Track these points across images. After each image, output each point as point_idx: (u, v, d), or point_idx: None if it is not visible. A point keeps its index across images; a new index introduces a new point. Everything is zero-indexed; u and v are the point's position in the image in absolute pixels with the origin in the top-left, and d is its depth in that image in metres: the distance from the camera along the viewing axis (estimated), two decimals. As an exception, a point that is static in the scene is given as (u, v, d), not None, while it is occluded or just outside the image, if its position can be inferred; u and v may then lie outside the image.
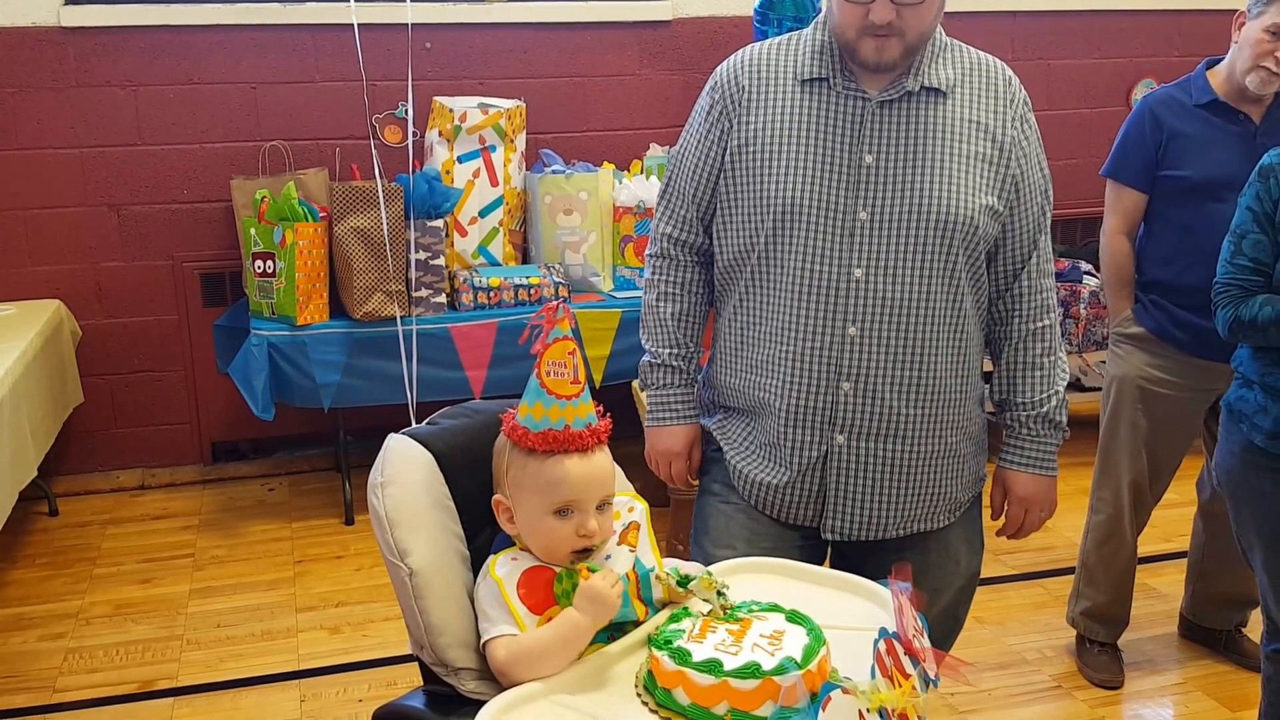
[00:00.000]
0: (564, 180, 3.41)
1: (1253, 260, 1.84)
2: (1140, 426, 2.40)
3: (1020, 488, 1.71)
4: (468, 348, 3.25)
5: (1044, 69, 4.04)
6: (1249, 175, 2.17)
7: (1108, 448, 2.47)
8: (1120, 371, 2.43)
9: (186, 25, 3.42)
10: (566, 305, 1.31)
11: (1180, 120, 2.30)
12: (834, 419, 1.59)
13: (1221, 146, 2.26)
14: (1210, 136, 2.28)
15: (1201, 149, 2.27)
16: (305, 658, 2.63)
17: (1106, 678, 2.50)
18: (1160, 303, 2.36)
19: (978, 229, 1.56)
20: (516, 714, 1.16)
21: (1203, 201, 2.27)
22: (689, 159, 1.68)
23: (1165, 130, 2.30)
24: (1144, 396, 2.39)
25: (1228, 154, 2.26)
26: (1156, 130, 2.31)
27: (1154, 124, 2.32)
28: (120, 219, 3.50)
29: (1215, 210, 2.22)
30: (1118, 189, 2.39)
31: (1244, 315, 1.83)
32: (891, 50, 1.51)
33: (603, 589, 1.23)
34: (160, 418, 3.65)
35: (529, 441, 1.28)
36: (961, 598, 1.74)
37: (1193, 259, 2.27)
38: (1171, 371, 2.36)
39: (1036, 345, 1.67)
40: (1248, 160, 2.20)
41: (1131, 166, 2.36)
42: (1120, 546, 2.49)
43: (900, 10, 1.48)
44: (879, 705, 1.09)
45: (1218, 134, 2.28)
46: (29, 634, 2.76)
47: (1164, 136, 2.30)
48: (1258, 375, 1.86)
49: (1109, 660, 2.53)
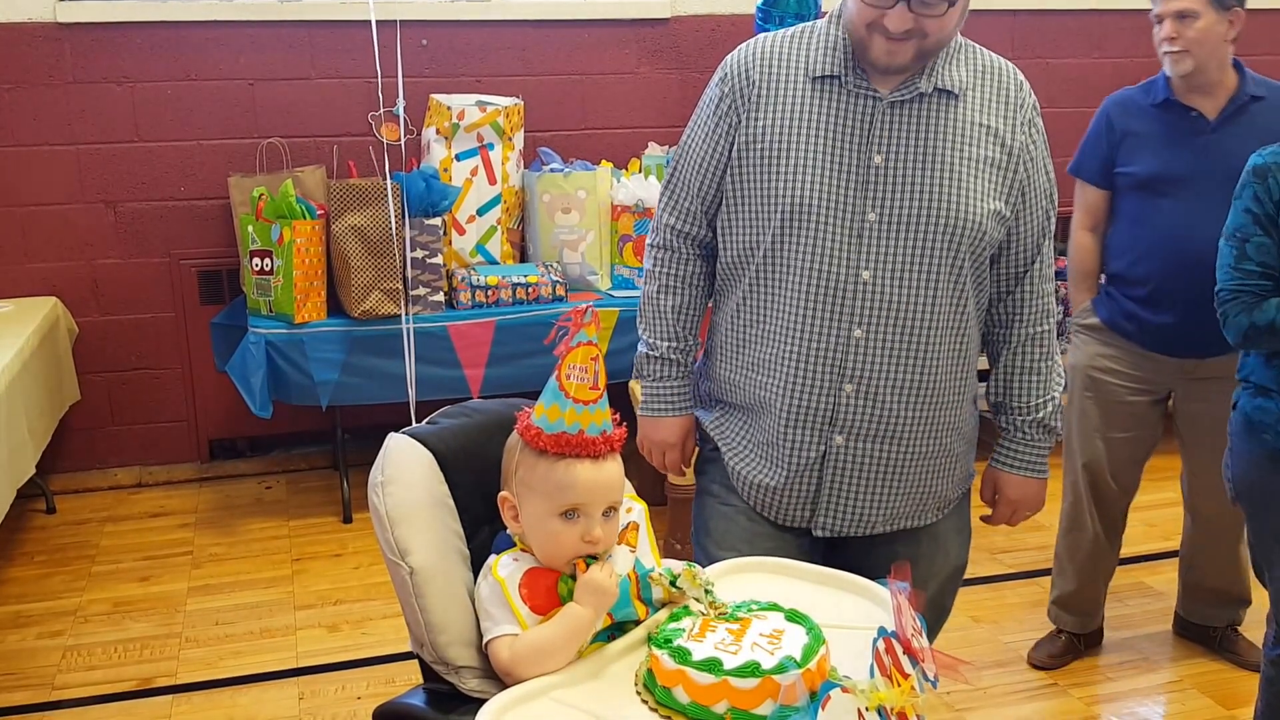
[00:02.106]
0: (562, 179, 3.41)
1: (1260, 264, 1.81)
2: (1090, 414, 2.46)
3: (1011, 489, 1.72)
4: (465, 346, 3.25)
5: (1044, 68, 4.05)
6: (1202, 170, 2.26)
7: (1067, 435, 2.53)
8: (1074, 360, 2.50)
9: (183, 21, 3.42)
10: (595, 310, 1.30)
11: (1133, 119, 2.38)
12: (834, 420, 1.59)
13: (1172, 143, 2.33)
14: (1161, 134, 2.34)
15: (1152, 146, 2.34)
16: (304, 655, 2.64)
17: (1043, 658, 2.56)
18: (1114, 294, 2.43)
19: (985, 234, 1.56)
20: (517, 712, 1.16)
21: (1150, 197, 2.34)
22: (695, 151, 1.66)
23: (1118, 130, 2.39)
24: (1092, 385, 2.46)
25: (1178, 151, 2.32)
26: (1110, 130, 2.40)
27: (1108, 124, 2.41)
28: (117, 216, 3.50)
29: (1162, 205, 2.32)
30: (1081, 186, 2.48)
31: (1259, 321, 1.79)
32: (904, 54, 1.50)
33: (601, 579, 1.24)
34: (157, 415, 3.65)
35: (541, 442, 1.28)
36: (949, 587, 1.75)
37: (1141, 252, 2.36)
38: (1120, 362, 2.42)
39: (1035, 350, 1.67)
40: (1201, 156, 2.29)
41: (1090, 165, 2.45)
42: (1082, 535, 2.54)
43: (919, 19, 1.46)
44: (878, 704, 1.10)
45: (1169, 131, 2.34)
46: (27, 632, 2.76)
47: (1117, 136, 2.39)
48: (1275, 383, 1.82)
49: (1059, 644, 2.58)
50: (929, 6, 1.45)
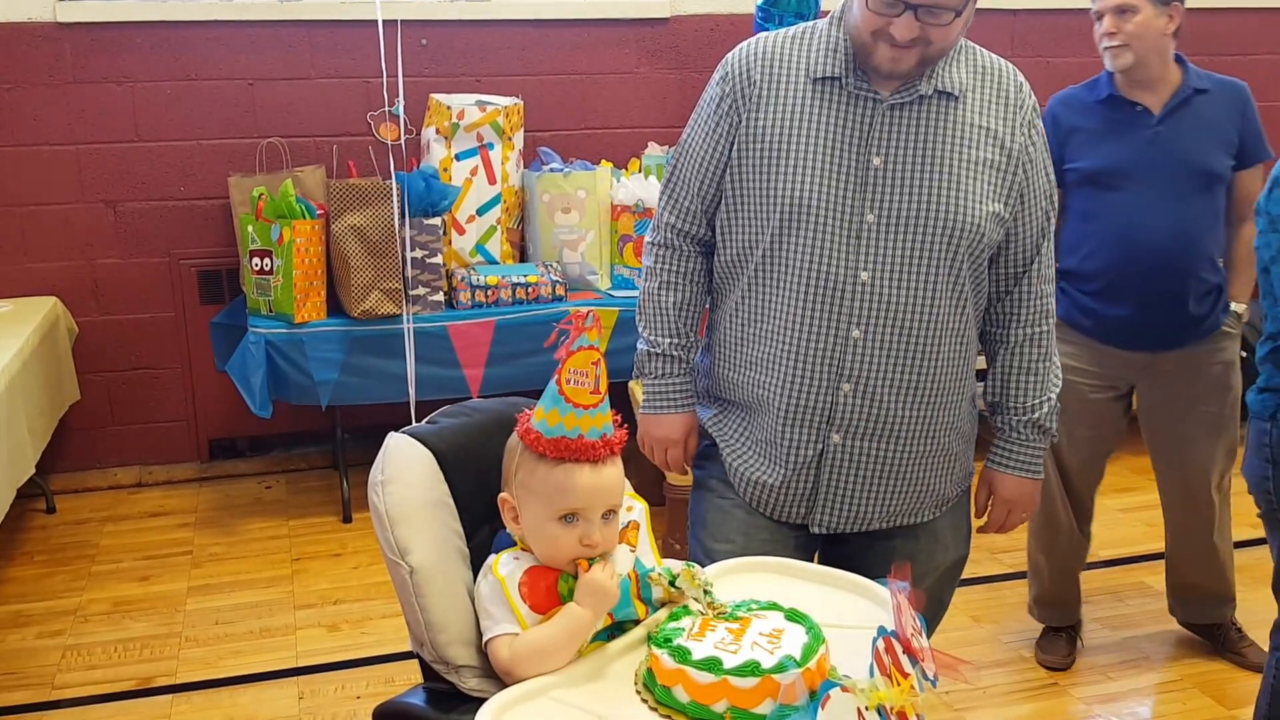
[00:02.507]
0: (562, 178, 3.41)
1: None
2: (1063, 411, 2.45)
3: (1006, 489, 1.72)
4: (465, 346, 3.25)
5: (1044, 67, 4.04)
6: (1148, 164, 2.30)
7: None
8: None
9: (183, 21, 3.42)
10: (596, 315, 1.29)
11: (1077, 116, 2.41)
12: (831, 419, 1.59)
13: (1116, 138, 2.36)
14: (1105, 129, 2.38)
15: (1096, 141, 2.38)
16: (303, 655, 2.64)
17: (1055, 659, 2.55)
18: (1069, 290, 2.44)
19: (983, 235, 1.57)
20: (517, 711, 1.16)
21: (1098, 191, 2.37)
22: (696, 149, 1.66)
23: (1062, 127, 2.41)
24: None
25: (1122, 145, 2.35)
26: (1055, 128, 2.41)
27: (1053, 122, 2.43)
28: (117, 216, 3.50)
29: (1111, 199, 2.35)
30: None
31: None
32: (908, 61, 1.50)
33: (603, 580, 1.24)
34: (157, 415, 3.65)
35: (540, 447, 1.28)
36: (946, 582, 1.76)
37: (1092, 246, 2.37)
38: (1080, 359, 2.42)
39: (1033, 350, 1.67)
40: (1146, 149, 2.31)
41: None
42: (1057, 532, 2.55)
43: (925, 27, 1.47)
44: (877, 703, 1.10)
45: (1113, 126, 2.36)
46: (27, 631, 2.76)
47: (1063, 133, 2.41)
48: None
49: (1061, 642, 2.59)
50: (935, 15, 1.46)
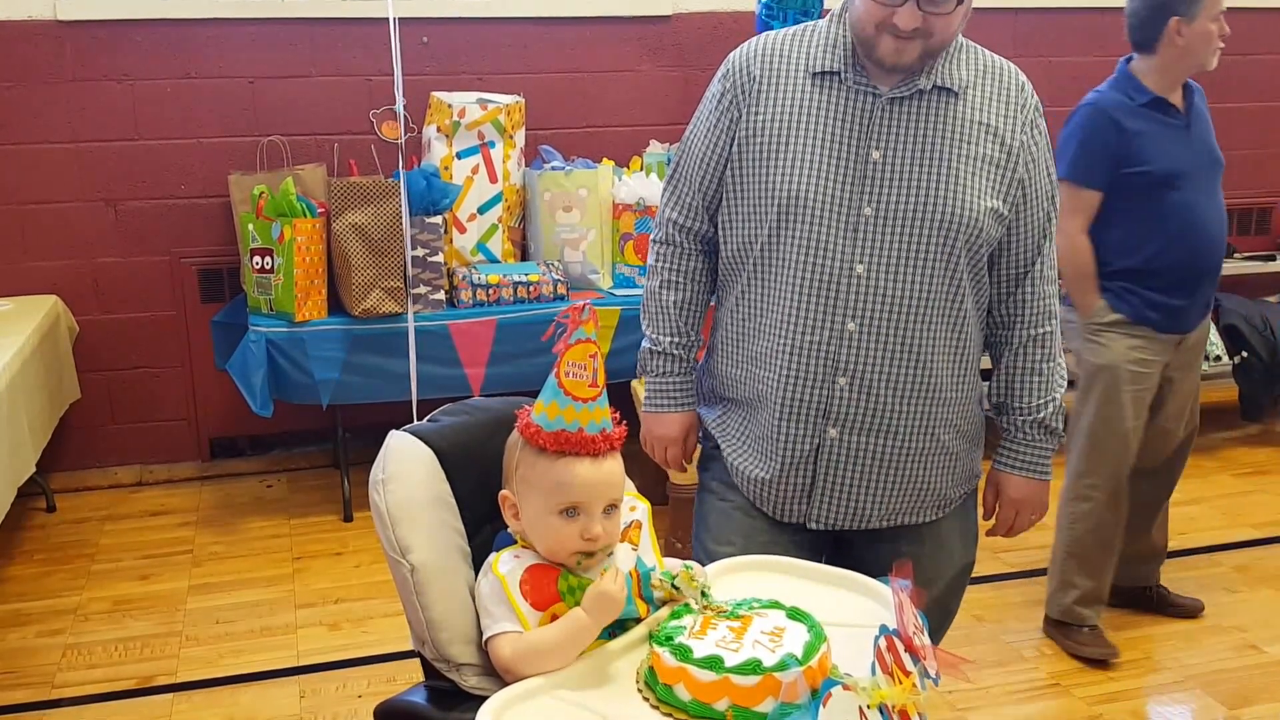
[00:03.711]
0: (563, 177, 3.41)
1: None
2: (1137, 404, 2.51)
3: (1013, 490, 1.72)
4: (466, 345, 3.25)
5: (1045, 66, 4.04)
6: (1192, 161, 2.42)
7: (1098, 434, 2.53)
8: (1107, 359, 2.51)
9: (184, 19, 3.41)
10: (592, 308, 1.30)
11: (1133, 120, 2.45)
12: (828, 413, 1.59)
13: (1168, 140, 2.45)
14: (1159, 132, 2.45)
15: (1156, 144, 2.44)
16: (305, 654, 2.63)
17: (1104, 651, 2.56)
18: (1132, 289, 2.48)
19: (981, 231, 1.56)
20: (518, 710, 1.16)
21: (1164, 192, 2.43)
22: (697, 146, 1.67)
23: (1127, 132, 2.44)
24: (1134, 378, 2.51)
25: (1174, 146, 2.44)
26: (1119, 132, 2.44)
27: (1116, 127, 2.44)
28: (117, 214, 3.50)
29: (1173, 198, 2.43)
30: (1077, 191, 2.48)
31: None
32: (911, 53, 1.51)
33: (612, 591, 1.24)
34: (158, 414, 3.65)
35: (540, 440, 1.28)
36: (954, 588, 1.75)
37: (1160, 246, 2.44)
38: (1148, 350, 2.51)
39: (1037, 351, 1.67)
40: (1187, 148, 2.45)
41: (1097, 169, 2.46)
42: (1115, 527, 2.57)
43: (927, 17, 1.47)
44: (879, 702, 1.09)
45: (1163, 129, 2.45)
46: (27, 630, 2.76)
47: (1128, 137, 2.44)
48: None
49: (1099, 635, 2.59)
50: (937, 4, 1.47)
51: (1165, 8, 2.40)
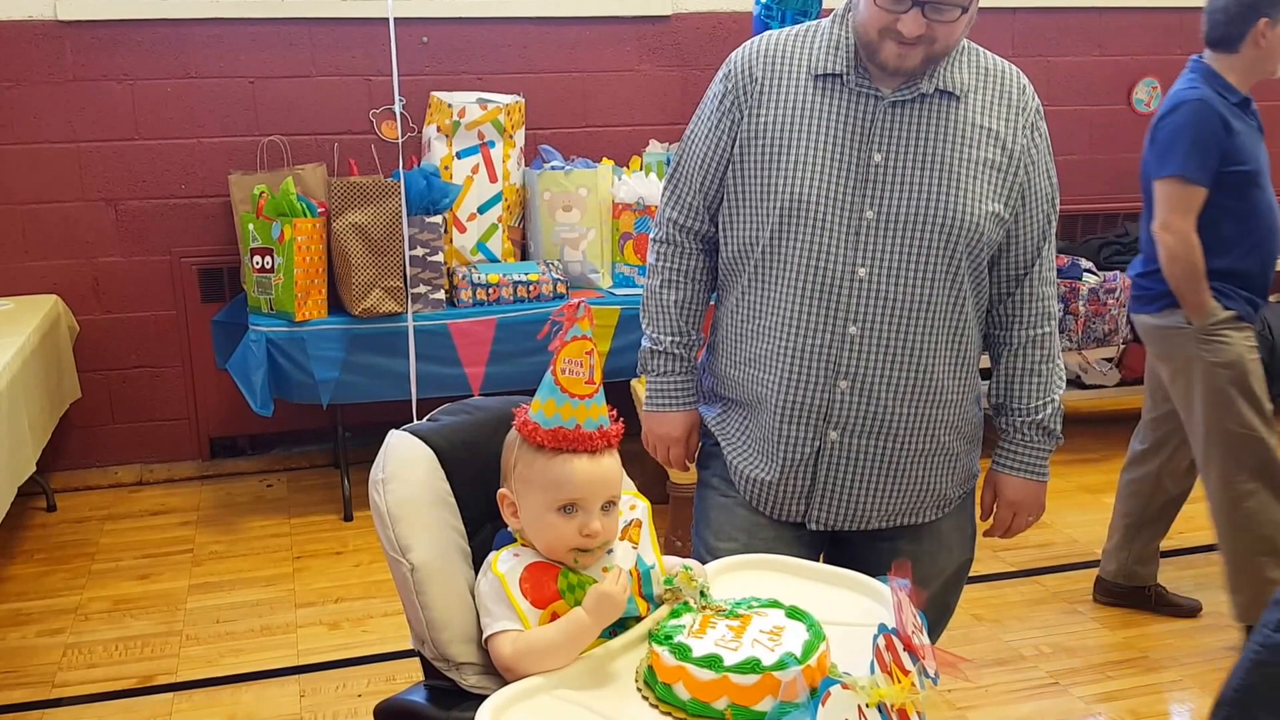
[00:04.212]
0: (563, 176, 3.41)
1: None
2: (1261, 398, 2.50)
3: (1011, 491, 1.72)
4: (466, 344, 3.25)
5: (1045, 66, 4.04)
6: (1266, 164, 2.45)
7: (1236, 431, 2.47)
8: (1232, 356, 2.47)
9: (184, 19, 3.42)
10: (587, 305, 1.30)
11: (1232, 118, 2.45)
12: (829, 415, 1.59)
13: (1253, 139, 2.47)
14: (1246, 131, 2.46)
15: (1247, 143, 2.45)
16: (305, 653, 2.64)
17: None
18: (1231, 287, 2.49)
19: (982, 235, 1.57)
20: (518, 709, 1.16)
21: (1254, 191, 2.46)
22: (698, 146, 1.67)
23: (1234, 129, 2.44)
24: (1256, 367, 2.51)
25: (1257, 147, 2.48)
26: (1225, 129, 2.41)
27: (1223, 124, 2.41)
28: (118, 214, 3.50)
29: (1260, 197, 2.47)
30: (1187, 188, 2.40)
31: None
32: (914, 58, 1.51)
33: (614, 593, 1.24)
34: (158, 413, 3.65)
35: (538, 438, 1.28)
36: (952, 585, 1.76)
37: (1248, 245, 2.47)
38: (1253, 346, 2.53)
39: (1036, 352, 1.67)
40: (1261, 150, 2.49)
41: (1207, 166, 2.40)
42: (1275, 513, 2.50)
43: (932, 24, 1.47)
44: (878, 700, 1.09)
45: (1249, 128, 2.47)
46: (27, 629, 2.76)
47: (1232, 135, 2.43)
48: None
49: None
50: (942, 12, 1.47)
51: (1256, 8, 2.38)
